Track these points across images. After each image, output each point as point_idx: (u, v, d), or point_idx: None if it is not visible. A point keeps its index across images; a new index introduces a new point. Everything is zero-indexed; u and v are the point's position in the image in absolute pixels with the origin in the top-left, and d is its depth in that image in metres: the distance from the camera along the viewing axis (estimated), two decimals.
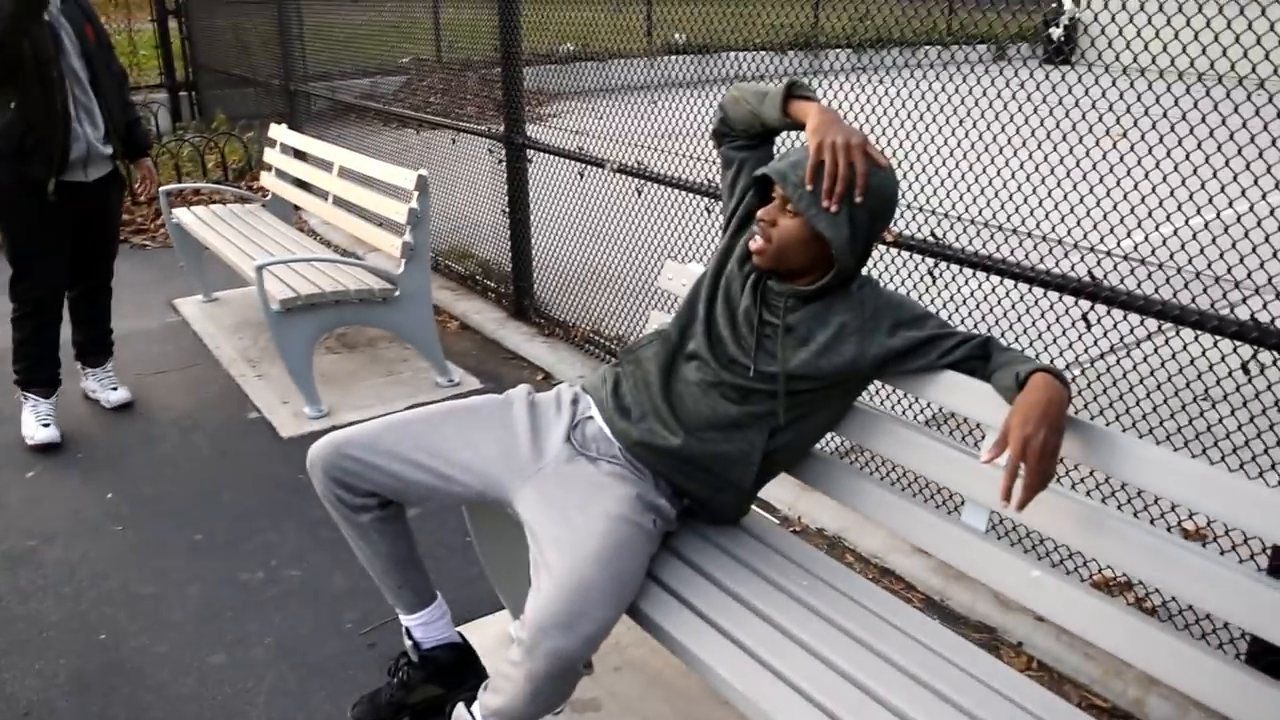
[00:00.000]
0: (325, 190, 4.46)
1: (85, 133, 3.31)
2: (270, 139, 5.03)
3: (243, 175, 7.53)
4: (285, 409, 3.77)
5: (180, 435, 3.58)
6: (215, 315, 4.87)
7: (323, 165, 4.56)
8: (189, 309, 4.96)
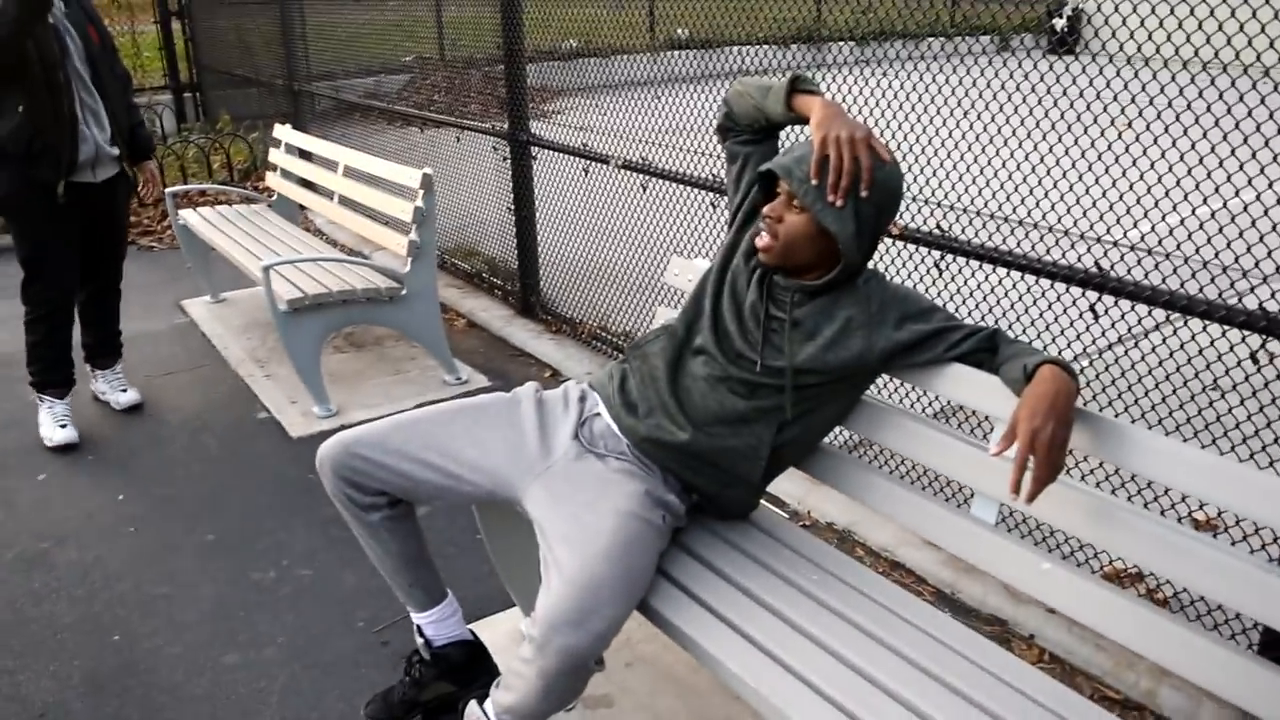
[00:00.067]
0: (331, 190, 4.47)
1: (92, 135, 3.32)
2: (275, 139, 5.04)
3: (248, 176, 7.54)
4: (294, 409, 3.78)
5: (190, 436, 3.59)
6: (223, 316, 4.88)
7: (328, 165, 4.56)
8: (197, 310, 4.98)
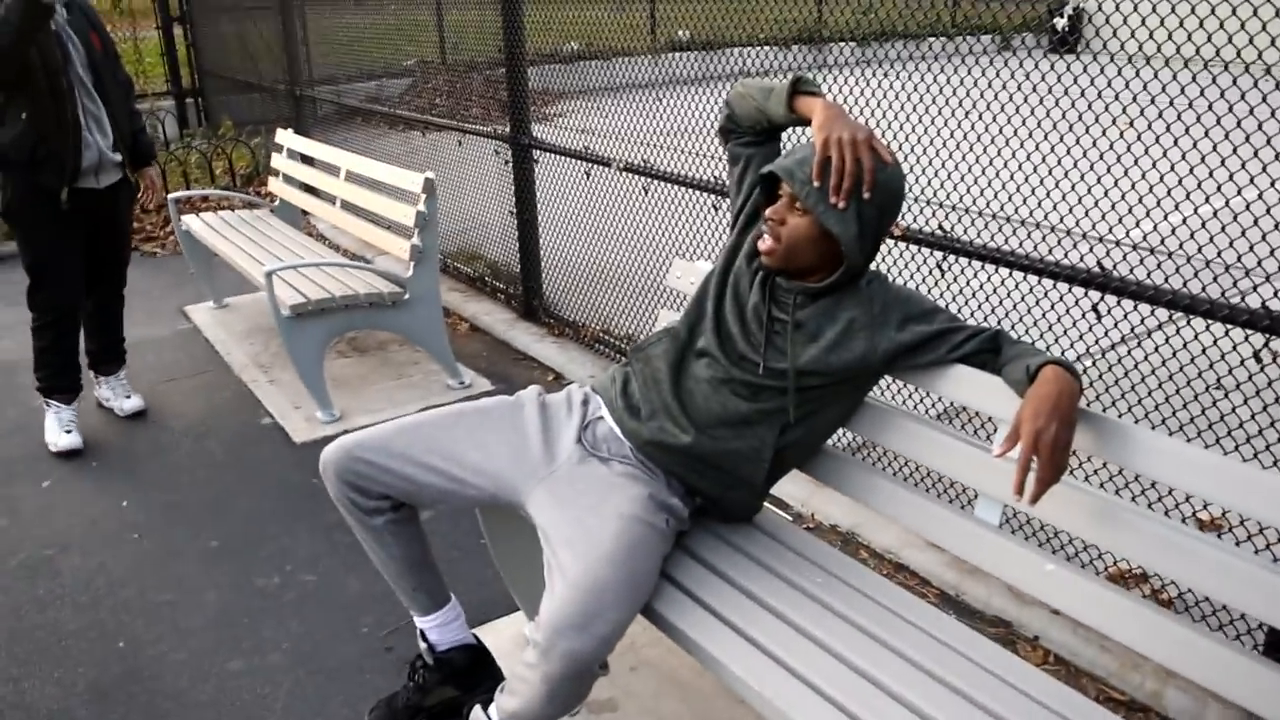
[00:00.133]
0: (333, 194, 4.47)
1: (95, 141, 3.33)
2: (277, 144, 5.04)
3: (250, 181, 7.55)
4: (297, 414, 3.78)
5: (194, 442, 3.60)
6: (226, 321, 4.89)
7: (330, 169, 4.57)
8: (200, 316, 4.98)
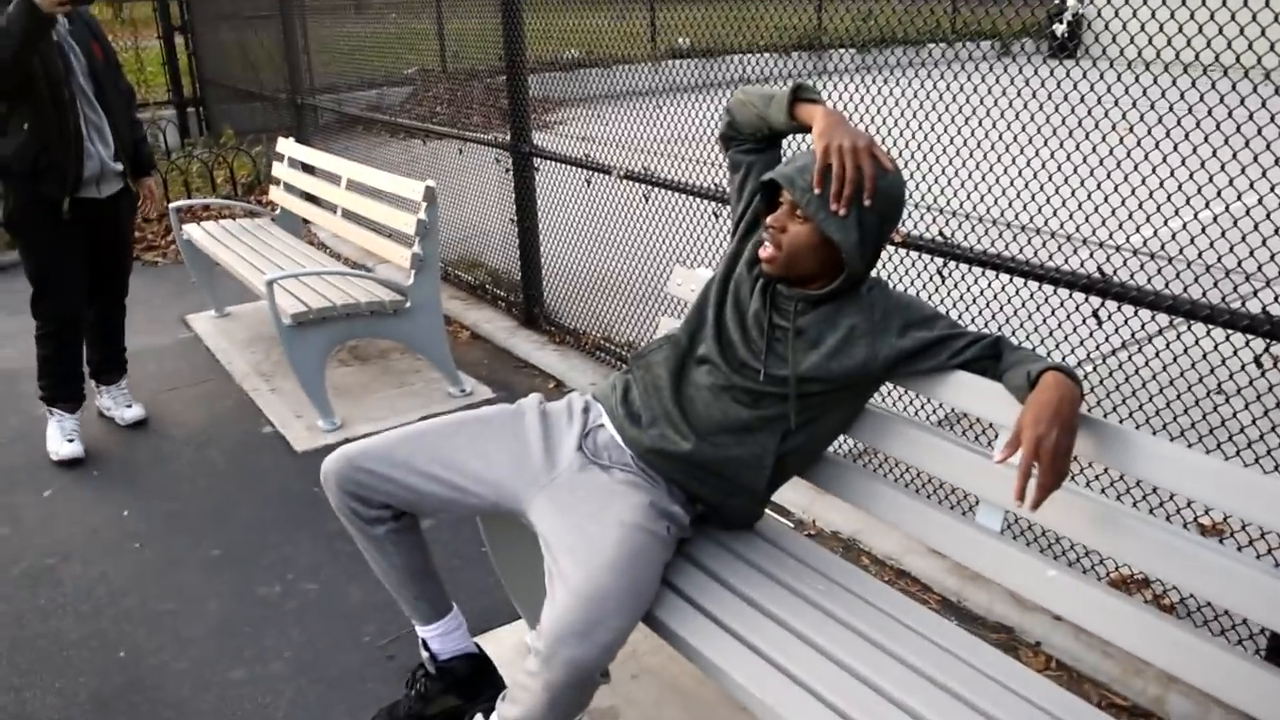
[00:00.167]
0: (334, 203, 4.48)
1: (97, 151, 3.34)
2: (278, 153, 5.06)
3: (251, 190, 7.56)
4: (299, 422, 3.78)
5: (195, 451, 3.60)
6: (227, 330, 4.89)
7: (331, 178, 4.58)
8: (201, 324, 4.99)
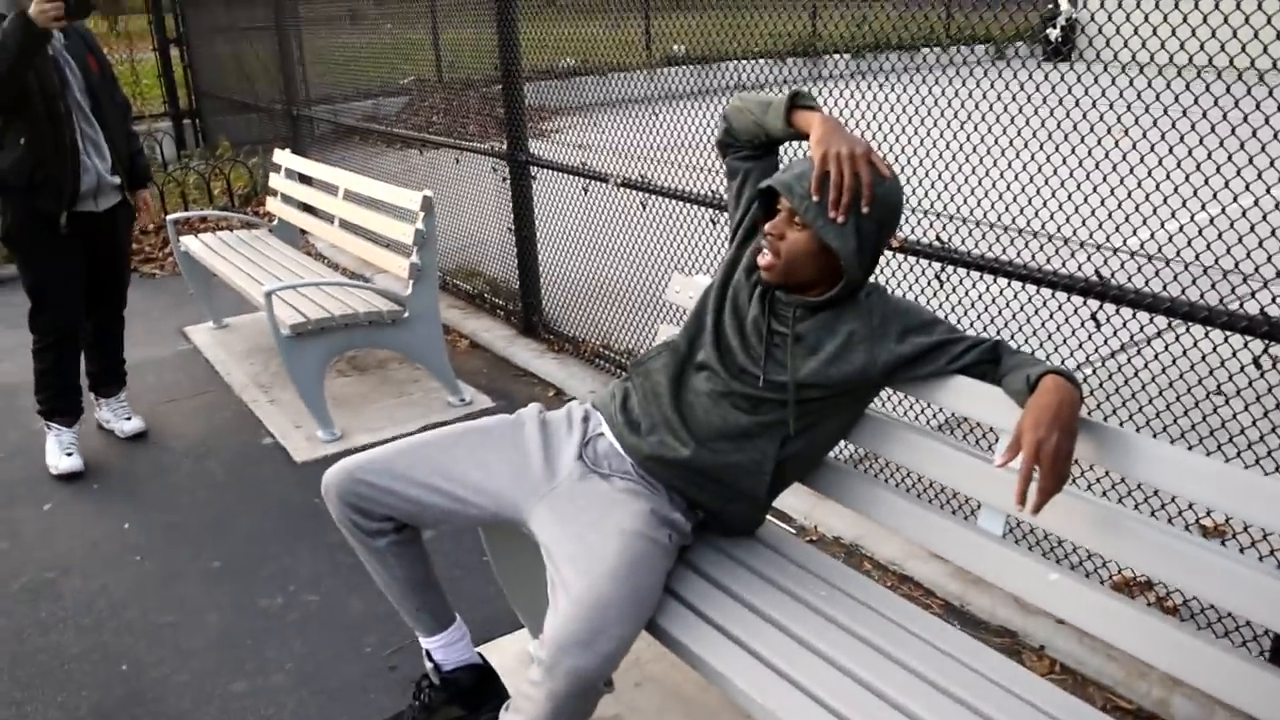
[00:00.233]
0: (331, 213, 4.48)
1: (94, 164, 3.34)
2: (275, 164, 5.06)
3: (248, 201, 7.57)
4: (298, 433, 3.78)
5: (195, 463, 3.59)
6: (226, 342, 4.89)
7: (328, 189, 4.58)
8: (200, 336, 4.99)
